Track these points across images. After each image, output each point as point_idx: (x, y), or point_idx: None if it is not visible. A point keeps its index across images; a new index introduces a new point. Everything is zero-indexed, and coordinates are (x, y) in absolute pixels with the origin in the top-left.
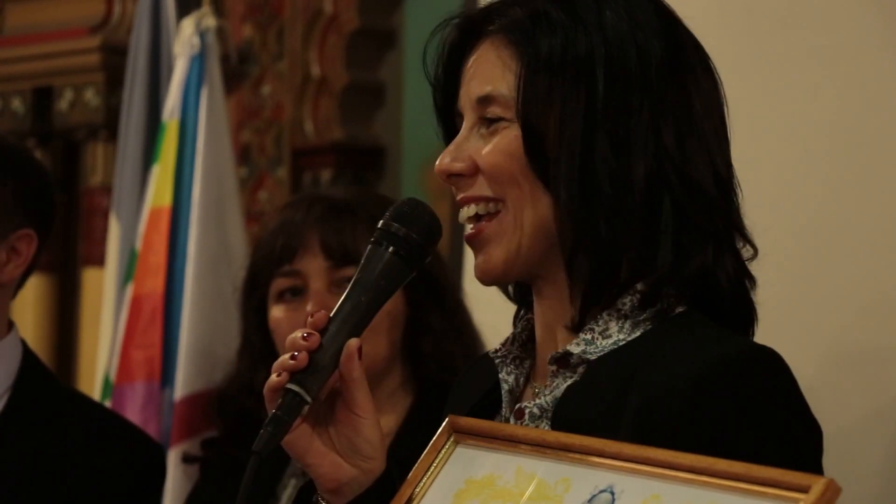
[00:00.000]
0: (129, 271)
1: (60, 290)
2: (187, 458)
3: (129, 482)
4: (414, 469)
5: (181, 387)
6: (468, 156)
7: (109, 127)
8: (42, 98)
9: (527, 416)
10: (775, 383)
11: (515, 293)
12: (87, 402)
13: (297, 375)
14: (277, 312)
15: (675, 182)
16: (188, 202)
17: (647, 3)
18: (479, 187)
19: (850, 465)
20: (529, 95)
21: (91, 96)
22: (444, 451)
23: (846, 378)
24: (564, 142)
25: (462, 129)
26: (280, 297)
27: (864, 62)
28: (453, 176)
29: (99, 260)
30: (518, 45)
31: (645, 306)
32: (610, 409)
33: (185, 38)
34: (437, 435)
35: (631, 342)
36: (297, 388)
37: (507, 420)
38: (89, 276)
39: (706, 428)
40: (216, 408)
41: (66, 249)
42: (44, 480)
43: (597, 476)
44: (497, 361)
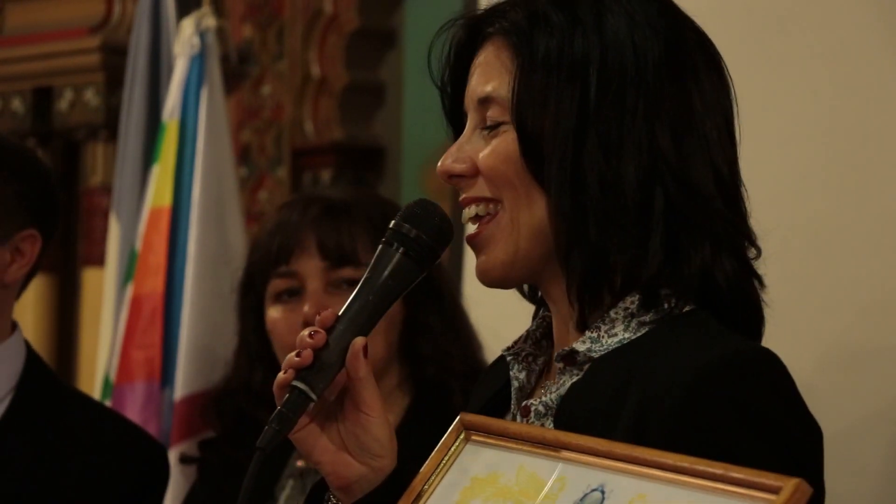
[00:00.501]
0: (129, 271)
1: (60, 290)
2: (184, 459)
3: (133, 482)
4: (425, 466)
5: (181, 387)
6: (469, 157)
7: (109, 127)
8: (42, 98)
9: (532, 414)
10: (772, 384)
11: (531, 292)
12: (90, 402)
13: (303, 373)
14: (274, 313)
15: (670, 183)
16: (188, 202)
17: (651, 3)
18: (479, 189)
19: (851, 466)
20: (523, 96)
21: (91, 96)
22: (454, 448)
23: (846, 378)
24: (556, 142)
25: (465, 129)
26: (277, 298)
27: (864, 62)
28: (454, 177)
29: (99, 260)
30: (516, 47)
31: (648, 306)
32: (610, 407)
33: (185, 38)
34: (448, 432)
35: (634, 341)
36: (302, 385)
37: (515, 417)
38: (89, 276)
39: (701, 428)
40: (213, 408)
41: (66, 249)
42: (47, 481)
43: (590, 475)
44: (509, 359)
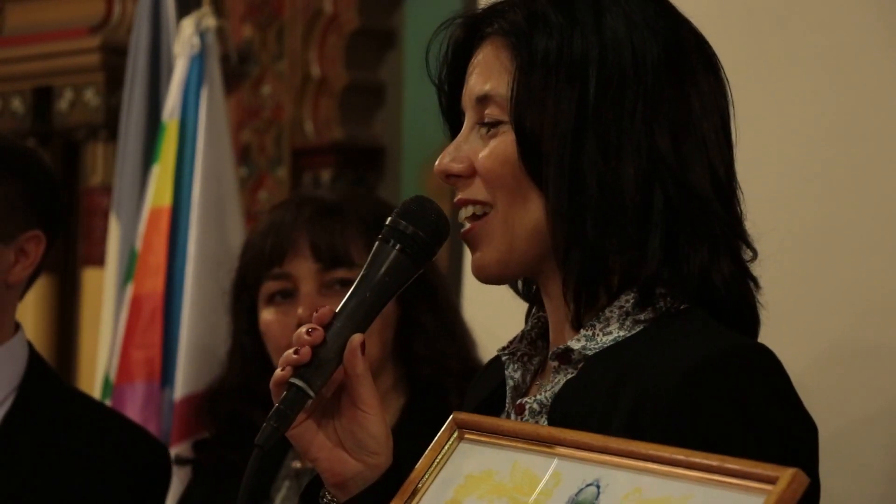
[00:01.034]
0: (129, 271)
1: (60, 290)
2: (179, 461)
3: (135, 482)
4: (418, 464)
5: (181, 387)
6: (466, 157)
7: (109, 127)
8: (42, 98)
9: (527, 412)
10: (768, 379)
11: (525, 291)
12: (93, 403)
13: (301, 370)
14: (268, 315)
15: (669, 184)
16: (188, 202)
17: (648, 4)
18: (475, 190)
19: (851, 465)
20: (522, 97)
21: (91, 96)
22: (447, 447)
23: (847, 379)
24: (555, 143)
25: (463, 128)
26: (270, 300)
27: (864, 62)
28: (452, 176)
29: (99, 260)
30: (515, 47)
31: (644, 305)
32: (604, 403)
33: (185, 38)
34: (441, 431)
35: (629, 338)
36: (299, 382)
37: (509, 416)
38: (89, 276)
39: (696, 422)
40: (207, 410)
41: (66, 249)
42: (50, 481)
43: (585, 470)
44: (504, 358)
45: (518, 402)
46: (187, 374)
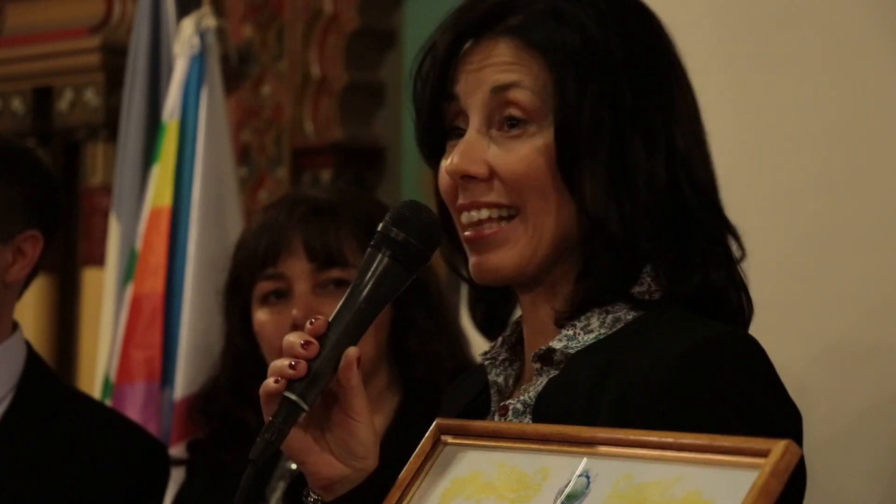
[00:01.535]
0: (129, 271)
1: (60, 290)
2: (173, 461)
3: (133, 481)
4: (402, 472)
5: (181, 387)
6: (483, 160)
7: (109, 127)
8: (42, 98)
9: (510, 413)
10: (752, 366)
11: (485, 321)
12: (91, 401)
13: (295, 384)
14: (262, 315)
15: (686, 185)
16: (188, 202)
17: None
18: (496, 194)
19: (851, 465)
20: (564, 98)
21: (91, 96)
22: (432, 454)
23: (847, 379)
24: (599, 147)
25: (470, 128)
26: (264, 300)
27: (864, 62)
28: (468, 178)
29: (99, 260)
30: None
31: (625, 302)
32: (588, 398)
33: (185, 38)
34: (424, 438)
35: (612, 334)
36: (294, 397)
37: (493, 418)
38: (89, 276)
39: (683, 409)
40: (200, 410)
41: (66, 249)
42: (48, 480)
43: (574, 462)
44: (486, 363)
45: (501, 404)
46: (187, 375)
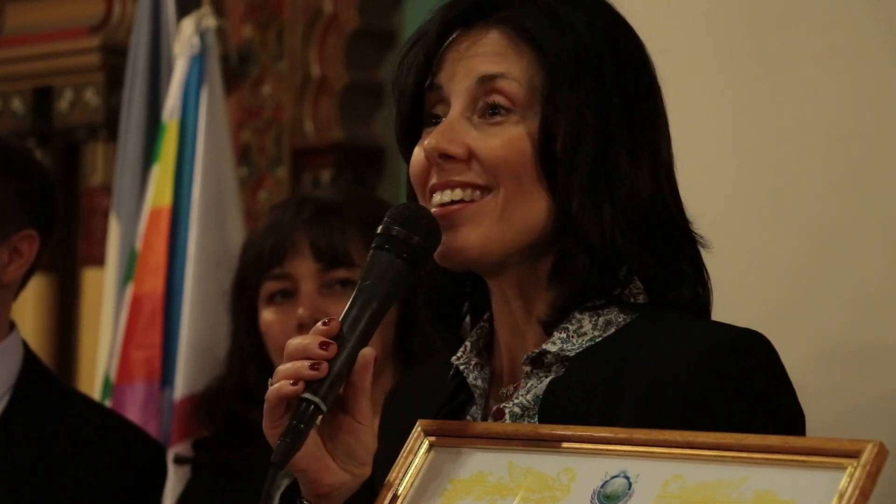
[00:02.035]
0: (129, 271)
1: (60, 290)
2: (179, 460)
3: (130, 481)
4: (390, 473)
5: (181, 387)
6: (463, 142)
7: (109, 127)
8: (42, 98)
9: (507, 416)
10: (769, 367)
11: (440, 320)
12: (88, 401)
13: (314, 385)
14: (268, 315)
15: (667, 192)
16: (188, 202)
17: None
18: (473, 174)
19: None
20: (551, 93)
21: (91, 96)
22: (420, 454)
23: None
24: (581, 147)
25: (452, 111)
26: (270, 300)
27: (864, 62)
28: (445, 157)
29: (99, 260)
30: (532, 41)
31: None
32: (603, 398)
33: (185, 38)
34: (409, 440)
35: (610, 336)
36: (314, 397)
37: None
38: (89, 276)
39: (710, 412)
40: (206, 410)
41: (66, 249)
42: (45, 480)
43: (604, 463)
44: (462, 368)
45: (496, 408)
46: (187, 375)
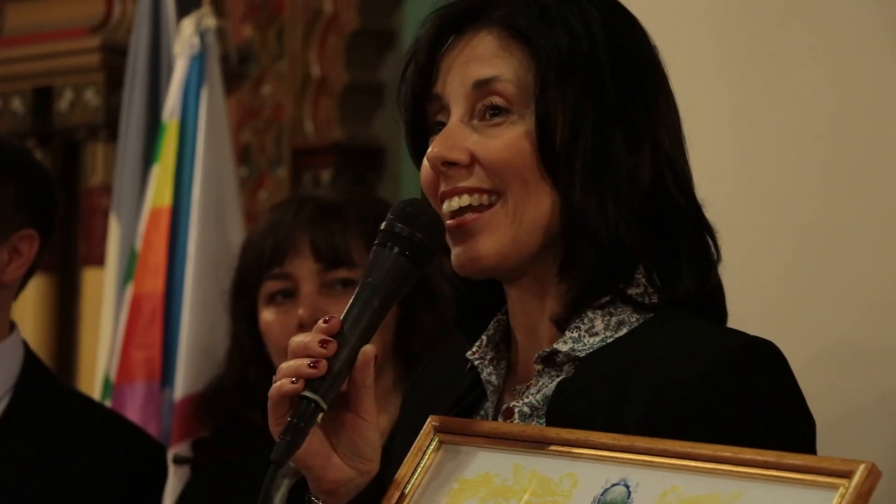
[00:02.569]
0: (129, 271)
1: (60, 290)
2: (178, 460)
3: (130, 481)
4: (399, 470)
5: (181, 387)
6: (465, 147)
7: (109, 127)
8: (42, 98)
9: (516, 415)
10: (778, 376)
11: (467, 321)
12: (88, 402)
13: (314, 383)
14: (268, 315)
15: (671, 183)
16: (188, 202)
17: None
18: (476, 178)
19: None
20: (545, 89)
21: (91, 96)
22: (429, 452)
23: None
24: (579, 140)
25: (451, 118)
26: (271, 300)
27: (864, 62)
28: (448, 164)
29: (99, 260)
30: (522, 39)
31: (625, 304)
32: (609, 402)
33: (185, 38)
34: (420, 436)
35: (621, 338)
36: (314, 395)
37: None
38: (89, 276)
39: (715, 420)
40: (206, 409)
41: (66, 249)
42: (46, 480)
43: (606, 470)
44: (476, 363)
45: (505, 406)
46: (187, 374)
